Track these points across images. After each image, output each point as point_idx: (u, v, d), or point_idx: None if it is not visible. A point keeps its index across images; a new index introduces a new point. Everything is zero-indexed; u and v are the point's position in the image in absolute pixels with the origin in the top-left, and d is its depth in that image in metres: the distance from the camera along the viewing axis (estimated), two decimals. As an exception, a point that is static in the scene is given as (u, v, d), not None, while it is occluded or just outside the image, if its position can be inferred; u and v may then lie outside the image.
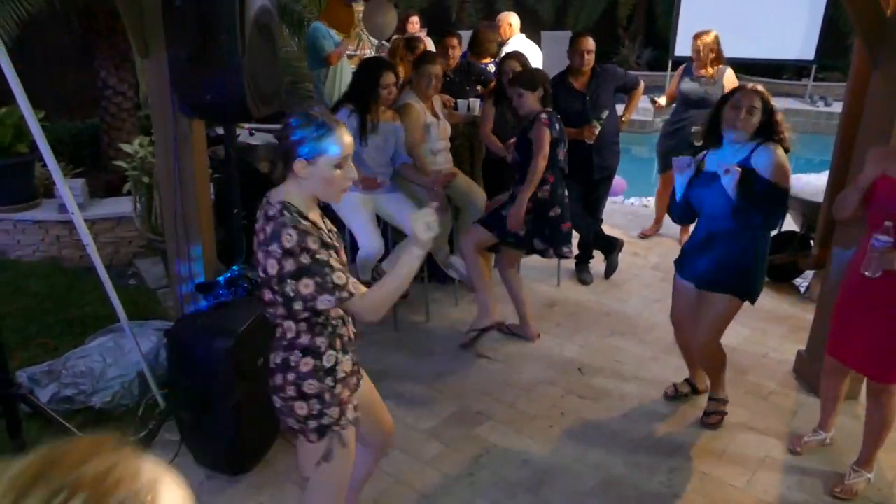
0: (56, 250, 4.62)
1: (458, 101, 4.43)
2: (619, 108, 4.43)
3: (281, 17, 6.71)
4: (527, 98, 3.38)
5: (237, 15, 2.51)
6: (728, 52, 4.63)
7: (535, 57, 5.21)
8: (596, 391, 3.30)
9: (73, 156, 5.37)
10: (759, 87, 2.60)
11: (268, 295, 1.73)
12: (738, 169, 2.49)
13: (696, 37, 4.54)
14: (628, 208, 6.06)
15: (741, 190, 2.53)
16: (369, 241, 3.49)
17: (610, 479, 2.71)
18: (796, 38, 11.17)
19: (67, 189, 2.49)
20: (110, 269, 4.40)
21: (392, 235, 3.89)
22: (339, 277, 1.68)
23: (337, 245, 1.79)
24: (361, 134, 3.45)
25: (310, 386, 1.78)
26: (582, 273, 4.49)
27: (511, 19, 5.38)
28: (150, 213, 4.14)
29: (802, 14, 10.72)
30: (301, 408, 1.80)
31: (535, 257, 4.72)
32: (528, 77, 3.47)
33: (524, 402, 3.20)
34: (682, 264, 2.92)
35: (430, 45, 5.36)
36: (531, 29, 8.90)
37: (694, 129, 4.44)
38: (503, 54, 4.49)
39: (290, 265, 1.63)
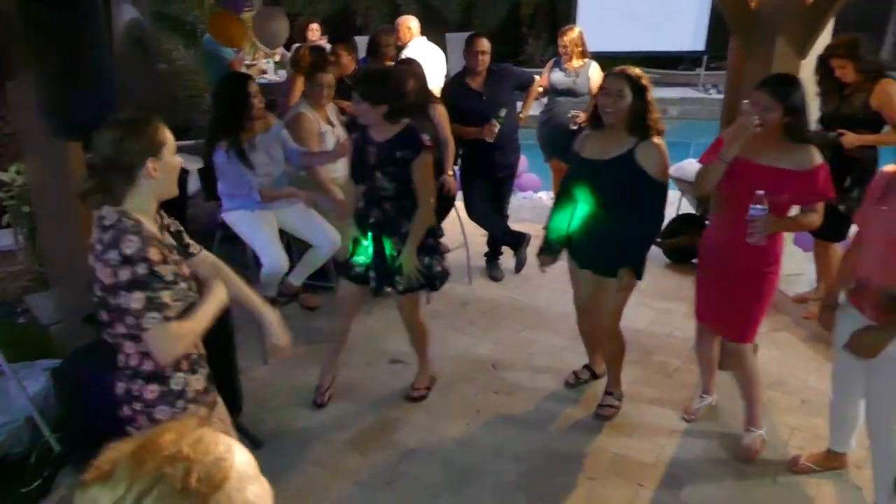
0: (-66, 291, 4.27)
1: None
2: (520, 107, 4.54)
3: (172, 29, 6.50)
4: (363, 109, 2.75)
5: (104, 29, 2.40)
6: (625, 47, 4.90)
7: (436, 60, 5.25)
8: (511, 385, 3.34)
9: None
10: (629, 70, 2.64)
11: (104, 314, 1.66)
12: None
13: (562, 33, 4.83)
14: (536, 202, 6.17)
15: (642, 198, 2.65)
16: (273, 257, 3.40)
17: (530, 470, 2.75)
18: (688, 31, 11.74)
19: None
20: (-2, 307, 4.13)
21: (296, 246, 3.83)
22: (168, 296, 1.62)
23: (176, 259, 1.75)
24: (245, 162, 3.35)
25: (161, 412, 1.73)
26: (492, 270, 4.54)
27: (410, 23, 5.37)
28: (34, 245, 3.89)
29: (692, 7, 11.28)
30: None
31: (447, 257, 4.75)
32: (375, 84, 2.74)
33: (440, 403, 3.20)
34: (573, 253, 2.97)
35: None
36: (436, 31, 8.92)
37: (571, 114, 4.62)
38: (399, 59, 4.49)
39: (125, 275, 1.57)
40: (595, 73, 4.62)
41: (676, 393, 3.24)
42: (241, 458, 0.75)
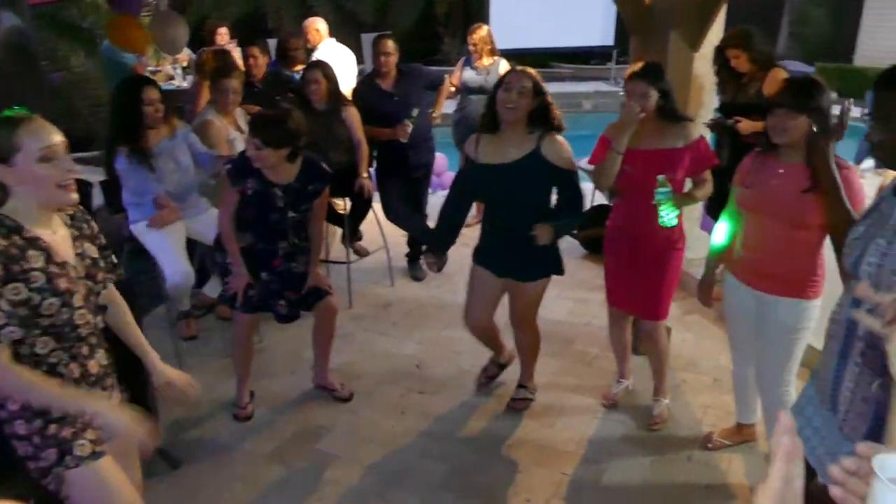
0: None
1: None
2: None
3: (69, 35, 6.16)
4: (266, 155, 2.67)
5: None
6: (538, 43, 4.94)
7: (346, 61, 5.21)
8: (435, 384, 3.34)
9: None
10: (529, 70, 2.67)
11: None
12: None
13: (471, 32, 4.88)
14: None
15: (562, 187, 2.71)
16: (175, 269, 3.26)
17: (457, 468, 2.75)
18: (597, 26, 12.13)
19: None
20: None
21: (214, 257, 3.70)
22: None
23: (66, 271, 1.63)
24: (147, 166, 3.21)
25: (20, 426, 1.65)
26: (414, 270, 4.54)
27: (318, 25, 5.32)
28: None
29: (600, 3, 11.64)
30: (19, 447, 1.66)
31: (368, 260, 4.73)
32: (275, 130, 2.67)
33: (364, 407, 3.17)
34: (488, 261, 2.89)
35: (239, 57, 5.17)
36: (351, 31, 8.84)
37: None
38: (310, 62, 4.42)
39: None
40: (504, 70, 4.69)
41: (595, 380, 3.33)
42: None
